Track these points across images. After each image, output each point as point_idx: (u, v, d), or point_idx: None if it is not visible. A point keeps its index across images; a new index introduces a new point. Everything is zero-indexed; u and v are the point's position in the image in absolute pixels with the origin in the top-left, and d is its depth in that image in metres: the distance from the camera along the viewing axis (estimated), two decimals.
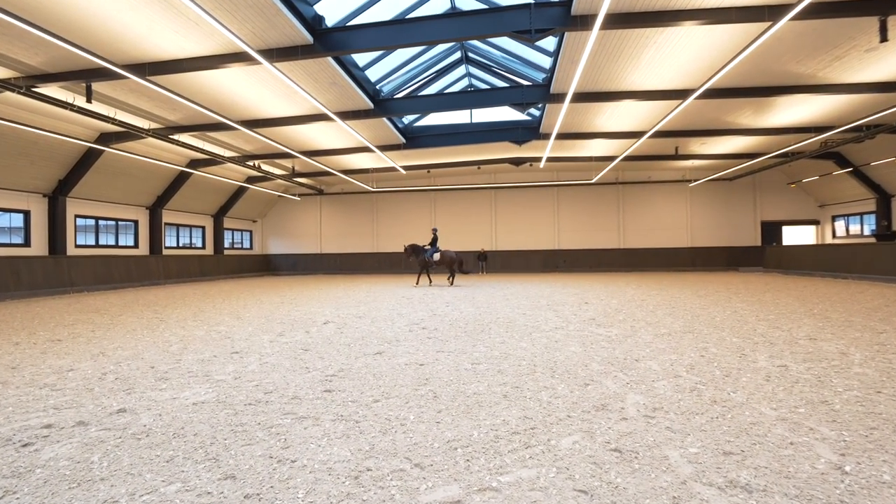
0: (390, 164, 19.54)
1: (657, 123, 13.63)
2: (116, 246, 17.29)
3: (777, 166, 19.57)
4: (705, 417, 2.69)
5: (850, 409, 2.79)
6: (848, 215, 20.88)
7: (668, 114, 12.59)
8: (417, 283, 15.24)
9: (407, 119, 17.05)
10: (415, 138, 17.33)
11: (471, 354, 4.48)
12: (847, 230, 21.08)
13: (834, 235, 21.74)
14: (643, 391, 3.21)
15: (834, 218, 21.68)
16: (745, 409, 2.83)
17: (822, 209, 22.28)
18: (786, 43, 9.36)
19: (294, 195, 25.24)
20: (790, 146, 16.28)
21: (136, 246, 18.13)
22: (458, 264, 14.78)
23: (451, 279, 15.02)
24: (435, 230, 15.50)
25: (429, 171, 23.22)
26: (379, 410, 2.92)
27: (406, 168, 21.14)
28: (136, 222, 18.16)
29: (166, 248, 19.70)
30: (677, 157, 19.24)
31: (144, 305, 9.70)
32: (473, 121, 17.72)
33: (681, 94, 11.71)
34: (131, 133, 13.48)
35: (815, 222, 22.57)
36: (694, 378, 3.51)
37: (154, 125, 13.72)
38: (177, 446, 2.43)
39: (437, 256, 14.60)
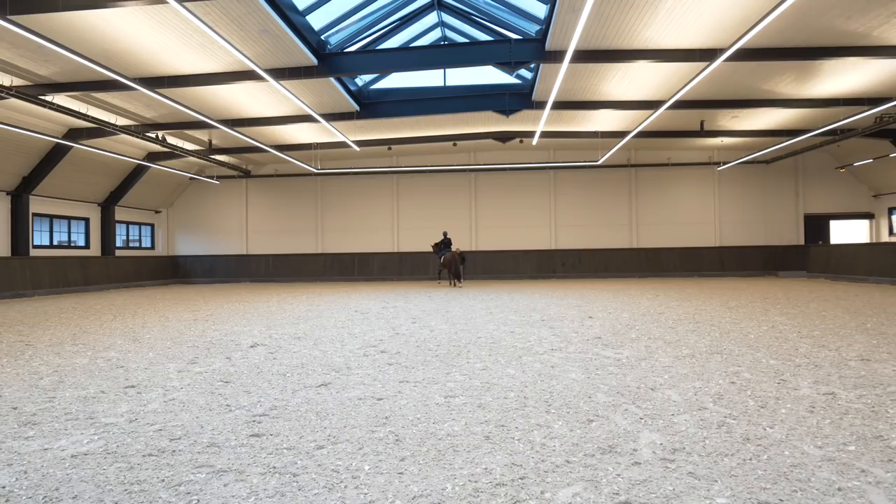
0: (340, 137, 19.36)
1: (678, 91, 13.97)
2: None
3: (823, 146, 20.30)
4: (736, 459, 2.77)
5: None
6: None
7: (692, 79, 12.92)
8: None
9: (361, 80, 16.94)
10: (372, 105, 17.24)
11: (443, 385, 4.48)
12: None
13: (891, 232, 22.79)
14: (660, 428, 3.29)
15: (891, 210, 22.73)
16: (785, 447, 2.93)
17: (876, 200, 23.34)
18: None
19: (211, 177, 24.72)
20: (839, 121, 16.77)
21: None
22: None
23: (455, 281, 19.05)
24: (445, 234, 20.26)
25: (390, 149, 23.13)
26: (323, 460, 2.89)
27: (361, 144, 21.00)
28: None
29: (35, 247, 19.09)
30: (703, 133, 19.78)
31: (4, 325, 9.35)
32: (448, 83, 17.77)
33: (707, 55, 12.04)
34: None
35: (869, 216, 23.59)
36: (723, 410, 3.62)
37: (18, 82, 13.25)
38: None
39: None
